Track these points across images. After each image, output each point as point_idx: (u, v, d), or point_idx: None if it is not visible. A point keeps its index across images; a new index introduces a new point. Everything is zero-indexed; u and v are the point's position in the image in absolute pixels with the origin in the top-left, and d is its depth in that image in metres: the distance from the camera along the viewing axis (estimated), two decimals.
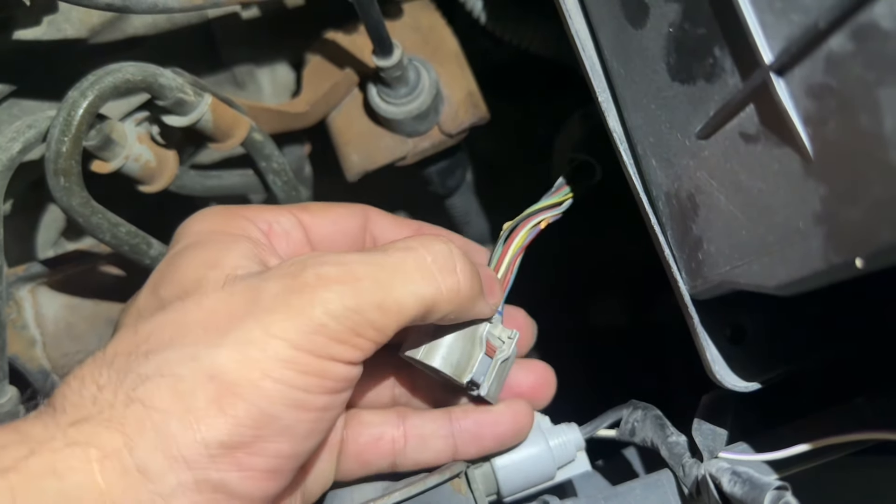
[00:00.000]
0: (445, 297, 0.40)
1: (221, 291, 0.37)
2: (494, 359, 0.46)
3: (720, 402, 0.48)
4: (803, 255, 0.32)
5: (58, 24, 0.60)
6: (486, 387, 0.46)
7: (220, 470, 0.34)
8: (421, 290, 0.39)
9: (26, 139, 0.51)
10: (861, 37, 0.27)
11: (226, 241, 0.41)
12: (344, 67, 0.69)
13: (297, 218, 0.46)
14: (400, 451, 0.47)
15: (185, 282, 0.39)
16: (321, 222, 0.47)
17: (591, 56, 0.47)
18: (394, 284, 0.38)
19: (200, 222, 0.44)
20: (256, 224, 0.44)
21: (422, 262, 0.39)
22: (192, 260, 0.40)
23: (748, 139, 0.35)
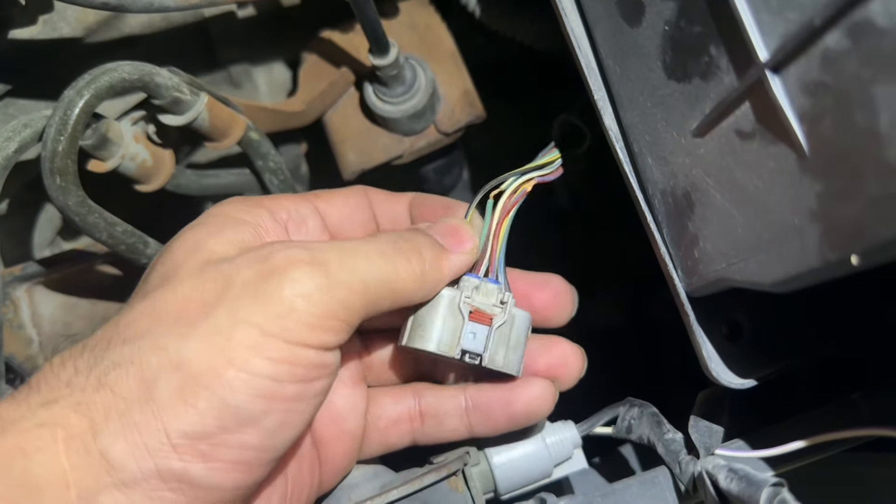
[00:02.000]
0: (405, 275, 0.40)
1: (195, 278, 0.37)
2: (491, 326, 0.44)
3: (716, 400, 0.48)
4: (799, 251, 0.32)
5: (53, 23, 0.60)
6: (487, 356, 0.44)
7: (183, 460, 0.33)
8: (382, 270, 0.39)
9: (22, 138, 0.51)
10: (857, 34, 0.27)
11: (220, 224, 0.41)
12: (340, 66, 0.69)
13: (313, 206, 0.46)
14: (418, 429, 0.47)
15: (168, 267, 0.39)
16: (335, 206, 0.47)
17: (586, 54, 0.47)
18: (358, 266, 0.38)
19: (219, 206, 0.44)
20: (275, 213, 0.44)
21: (378, 247, 0.40)
22: (181, 244, 0.40)
23: (744, 137, 0.35)
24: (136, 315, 0.36)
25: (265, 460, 0.36)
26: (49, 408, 0.34)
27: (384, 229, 0.49)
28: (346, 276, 0.37)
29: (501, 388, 0.47)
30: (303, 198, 0.46)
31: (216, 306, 0.35)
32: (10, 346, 0.65)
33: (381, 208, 0.49)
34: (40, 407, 0.34)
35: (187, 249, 0.39)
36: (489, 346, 0.44)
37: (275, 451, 0.37)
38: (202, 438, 0.34)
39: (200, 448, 0.34)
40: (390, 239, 0.41)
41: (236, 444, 0.35)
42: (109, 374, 0.34)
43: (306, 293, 0.36)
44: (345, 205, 0.47)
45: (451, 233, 0.45)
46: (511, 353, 0.45)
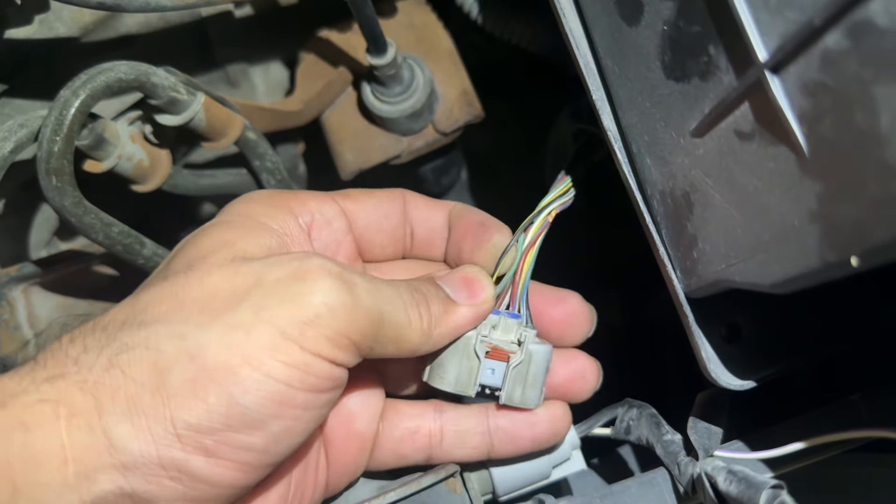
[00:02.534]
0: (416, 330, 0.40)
1: (226, 270, 0.37)
2: (508, 364, 0.45)
3: (715, 401, 0.48)
4: (798, 253, 0.32)
5: (49, 22, 0.60)
6: (504, 395, 0.45)
7: (185, 451, 0.33)
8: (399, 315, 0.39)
9: (18, 139, 0.51)
10: (857, 34, 0.27)
11: (249, 228, 0.41)
12: (338, 66, 0.69)
13: (340, 206, 0.46)
14: (436, 444, 0.47)
15: (193, 256, 0.39)
16: (364, 208, 0.46)
17: (585, 54, 0.47)
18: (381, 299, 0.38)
19: (244, 203, 0.43)
20: (299, 216, 0.44)
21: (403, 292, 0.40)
22: (209, 237, 0.40)
23: (743, 137, 0.35)
24: (155, 298, 0.36)
25: (266, 463, 0.36)
26: (53, 383, 0.33)
27: (419, 238, 0.49)
28: (369, 303, 0.37)
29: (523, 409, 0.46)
30: (329, 197, 0.46)
31: (242, 300, 0.35)
32: (6, 346, 0.64)
33: (420, 215, 0.48)
34: (44, 382, 0.34)
35: (216, 243, 0.39)
36: (506, 384, 0.45)
37: (276, 457, 0.37)
38: (207, 433, 0.34)
39: (204, 442, 0.34)
40: (410, 290, 0.41)
41: (240, 445, 0.34)
42: (121, 355, 0.34)
43: (332, 305, 0.36)
44: (375, 208, 0.47)
45: (466, 284, 0.44)
46: (529, 390, 0.45)
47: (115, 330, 0.35)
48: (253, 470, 0.36)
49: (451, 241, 0.48)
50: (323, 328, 0.35)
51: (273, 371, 0.34)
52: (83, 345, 0.35)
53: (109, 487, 0.33)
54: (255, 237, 0.40)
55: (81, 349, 0.35)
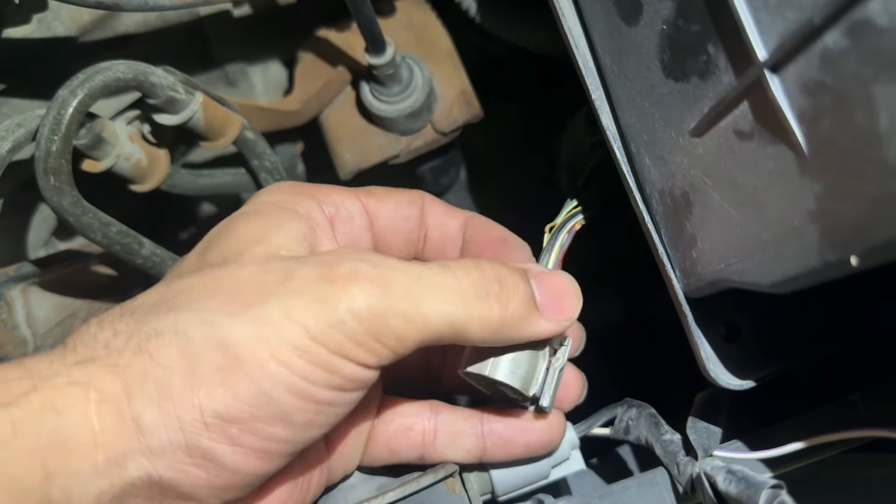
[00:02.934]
0: (477, 324, 0.38)
1: (258, 266, 0.37)
2: (551, 369, 0.45)
3: (714, 401, 0.48)
4: (798, 252, 0.32)
5: (47, 22, 0.60)
6: (547, 398, 0.44)
7: (211, 438, 0.34)
8: (450, 311, 0.37)
9: (16, 138, 0.51)
10: (856, 33, 0.27)
11: (281, 217, 0.41)
12: (336, 65, 0.69)
13: (362, 203, 0.45)
14: (430, 443, 0.47)
15: (228, 250, 0.39)
16: (385, 208, 0.46)
17: (584, 54, 0.47)
18: (423, 298, 0.37)
19: (269, 194, 0.44)
20: (324, 206, 0.44)
21: (456, 283, 0.38)
22: (242, 230, 0.40)
23: (742, 136, 0.35)
24: (186, 286, 0.37)
25: (287, 452, 0.37)
26: (84, 367, 0.34)
27: (432, 241, 0.48)
28: (406, 306, 0.36)
29: (519, 416, 0.47)
30: (353, 193, 0.45)
31: (271, 295, 0.35)
32: (4, 346, 0.64)
33: (436, 220, 0.48)
34: (75, 365, 0.34)
35: (251, 238, 0.39)
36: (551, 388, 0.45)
37: (298, 446, 0.37)
38: (234, 421, 0.34)
39: (230, 431, 0.34)
40: (481, 277, 0.39)
41: (265, 435, 0.35)
42: (151, 340, 0.34)
43: (358, 311, 0.35)
44: (395, 209, 0.47)
45: (557, 294, 0.42)
46: (550, 392, 0.45)
47: (144, 315, 0.36)
48: (275, 459, 0.36)
49: (468, 251, 0.48)
50: (349, 332, 0.35)
51: (300, 369, 0.35)
52: (112, 329, 0.35)
53: (138, 474, 0.33)
54: (285, 227, 0.40)
55: (111, 333, 0.35)
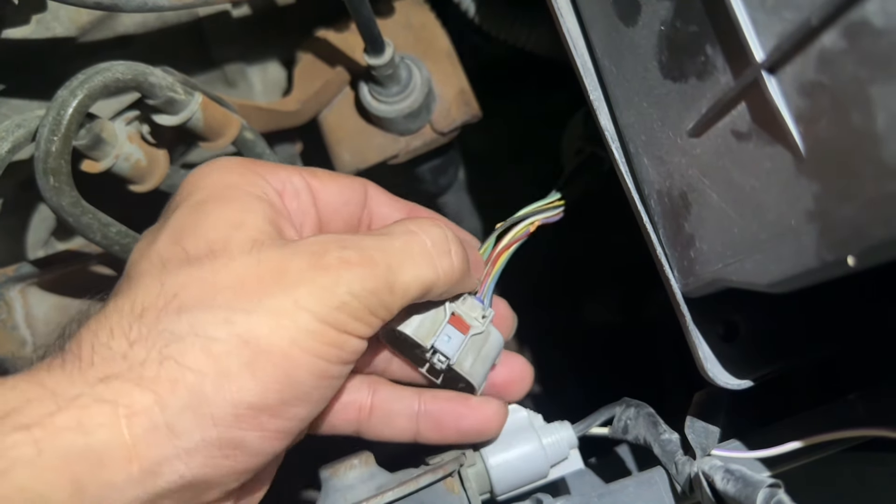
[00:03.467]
0: (442, 279, 0.43)
1: (249, 256, 0.38)
2: (467, 335, 0.47)
3: (713, 400, 0.48)
4: (796, 252, 0.32)
5: (47, 22, 0.60)
6: (455, 358, 0.46)
7: (242, 429, 0.36)
8: (424, 274, 0.42)
9: (15, 139, 0.51)
10: (853, 34, 0.27)
11: (246, 200, 0.42)
12: (335, 66, 0.69)
13: (306, 181, 0.47)
14: (364, 420, 0.48)
15: (210, 239, 0.39)
16: (328, 190, 0.48)
17: (582, 54, 0.47)
18: (403, 269, 0.41)
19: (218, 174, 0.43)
20: (271, 183, 0.45)
21: (423, 246, 0.42)
22: (216, 216, 0.41)
23: (740, 137, 0.35)
24: (183, 283, 0.37)
25: (301, 430, 0.40)
26: (109, 384, 0.34)
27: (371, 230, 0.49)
28: (391, 278, 0.40)
29: (456, 400, 0.48)
30: (297, 171, 0.46)
31: (275, 288, 0.37)
32: (3, 346, 0.64)
33: (380, 210, 0.50)
34: (98, 382, 0.34)
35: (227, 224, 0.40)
36: (460, 352, 0.47)
37: (308, 422, 0.40)
38: (265, 410, 0.36)
39: (261, 418, 0.36)
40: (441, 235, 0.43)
41: (291, 416, 0.38)
42: (171, 346, 0.35)
43: (356, 293, 0.38)
44: (338, 193, 0.48)
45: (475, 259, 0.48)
46: (478, 365, 0.47)
47: (153, 321, 0.36)
48: (290, 437, 0.39)
49: None
50: (351, 311, 0.38)
51: (317, 350, 0.37)
52: (126, 339, 0.36)
53: (173, 478, 0.35)
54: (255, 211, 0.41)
55: (126, 344, 0.35)
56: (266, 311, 0.37)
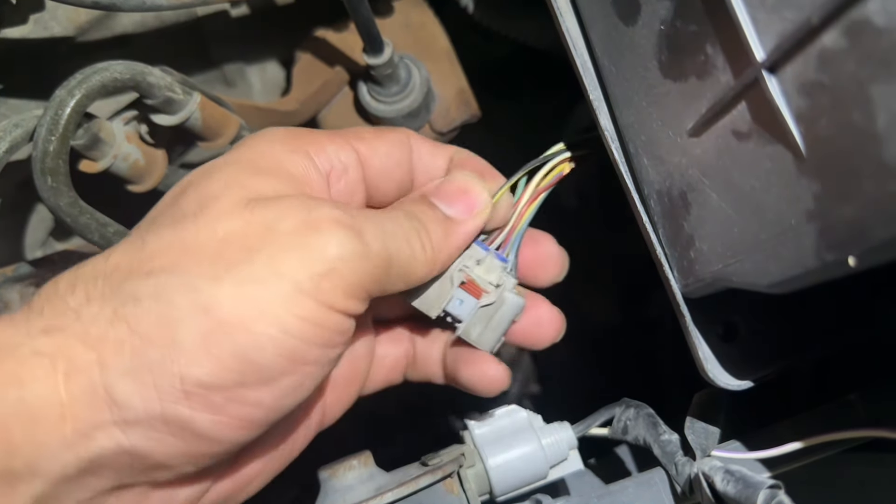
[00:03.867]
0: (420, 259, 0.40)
1: (238, 216, 0.35)
2: (479, 300, 0.45)
3: (712, 401, 0.48)
4: (796, 252, 0.32)
5: (45, 22, 0.60)
6: (462, 327, 0.45)
7: (192, 408, 0.33)
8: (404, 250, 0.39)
9: (13, 138, 0.50)
10: (854, 33, 0.27)
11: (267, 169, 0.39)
12: (334, 65, 0.69)
13: (356, 153, 0.44)
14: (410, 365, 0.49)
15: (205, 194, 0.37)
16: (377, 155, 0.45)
17: (582, 54, 0.47)
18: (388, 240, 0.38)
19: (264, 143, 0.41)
20: (318, 162, 0.42)
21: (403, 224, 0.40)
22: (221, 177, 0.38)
23: (740, 136, 0.35)
24: (163, 245, 0.35)
25: (270, 420, 0.36)
26: (51, 335, 0.32)
27: (419, 182, 0.47)
28: (378, 248, 0.37)
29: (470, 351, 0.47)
30: (345, 141, 0.43)
31: (256, 251, 0.34)
32: None
33: (422, 162, 0.47)
34: (41, 333, 0.32)
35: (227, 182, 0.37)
36: (468, 319, 0.45)
37: (282, 412, 0.36)
38: (217, 390, 0.33)
39: (213, 399, 0.33)
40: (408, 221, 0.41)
41: (249, 402, 0.34)
42: (127, 306, 0.33)
43: (347, 257, 0.35)
44: (388, 156, 0.45)
45: (459, 195, 0.44)
46: (488, 332, 0.46)
47: (121, 279, 0.34)
48: (256, 427, 0.35)
49: None
50: (338, 280, 0.35)
51: (289, 326, 0.34)
52: (85, 293, 0.33)
53: (108, 444, 0.32)
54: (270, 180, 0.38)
55: (83, 298, 0.33)
56: (236, 279, 0.33)
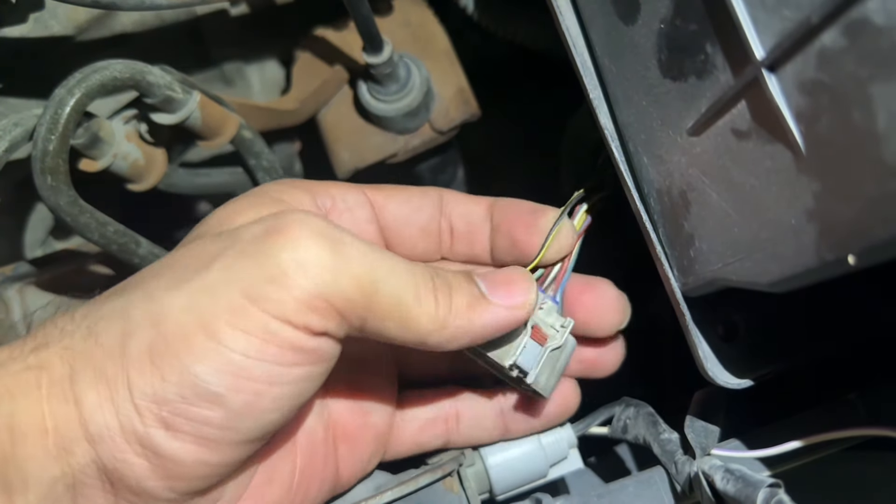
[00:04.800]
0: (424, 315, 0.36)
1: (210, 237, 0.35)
2: (544, 347, 0.44)
3: (712, 399, 0.48)
4: (796, 251, 0.32)
5: (44, 21, 0.60)
6: (533, 374, 0.43)
7: (144, 423, 0.32)
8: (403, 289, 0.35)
9: (13, 137, 0.50)
10: (854, 32, 0.27)
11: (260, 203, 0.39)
12: (334, 64, 0.69)
13: (366, 196, 0.43)
14: (454, 429, 0.47)
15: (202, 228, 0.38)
16: (394, 201, 0.44)
17: (581, 53, 0.47)
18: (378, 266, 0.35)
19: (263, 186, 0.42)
20: (318, 198, 0.42)
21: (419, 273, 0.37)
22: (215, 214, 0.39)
23: (740, 136, 0.35)
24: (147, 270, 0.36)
25: (232, 440, 0.34)
26: (38, 352, 0.33)
27: (459, 232, 0.46)
28: (358, 268, 0.34)
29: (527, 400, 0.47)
30: (356, 188, 0.43)
31: (214, 260, 0.33)
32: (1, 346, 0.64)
33: (458, 209, 0.46)
34: (31, 352, 0.33)
35: (218, 219, 0.38)
36: (538, 365, 0.44)
37: (246, 433, 0.34)
38: (162, 404, 0.32)
39: (161, 414, 0.32)
40: (428, 272, 0.37)
41: (197, 418, 0.32)
42: (99, 323, 0.33)
43: (304, 262, 0.32)
44: (406, 202, 0.44)
45: (504, 283, 0.40)
46: (552, 378, 0.45)
47: (103, 300, 0.35)
48: (217, 446, 0.33)
49: (500, 232, 0.46)
50: (291, 288, 0.32)
51: (229, 340, 0.32)
52: (71, 316, 0.34)
53: (85, 461, 0.32)
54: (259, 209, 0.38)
55: (69, 319, 0.34)
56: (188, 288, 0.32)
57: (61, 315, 0.35)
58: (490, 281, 0.40)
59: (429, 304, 0.36)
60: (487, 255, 0.47)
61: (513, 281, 0.41)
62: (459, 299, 0.38)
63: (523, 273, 0.42)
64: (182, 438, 0.32)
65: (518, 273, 0.42)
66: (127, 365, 0.32)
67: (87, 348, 0.33)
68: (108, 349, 0.32)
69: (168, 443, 0.32)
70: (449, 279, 0.38)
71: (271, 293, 0.32)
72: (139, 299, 0.33)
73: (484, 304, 0.39)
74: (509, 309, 0.40)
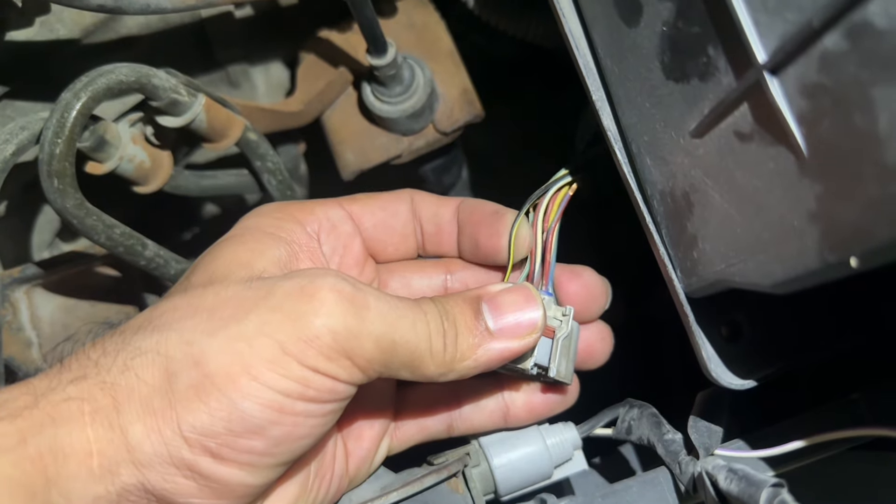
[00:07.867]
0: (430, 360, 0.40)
1: (240, 286, 0.38)
2: (554, 339, 0.46)
3: (716, 400, 0.48)
4: (798, 253, 0.32)
5: (50, 24, 0.60)
6: (553, 368, 0.45)
7: (193, 452, 0.35)
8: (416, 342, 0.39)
9: (20, 141, 0.51)
10: (855, 35, 0.27)
11: (264, 242, 0.43)
12: (338, 66, 0.69)
13: (346, 210, 0.47)
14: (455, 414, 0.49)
15: (213, 273, 0.41)
16: (370, 210, 0.48)
17: (584, 55, 0.47)
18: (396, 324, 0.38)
19: (253, 218, 0.45)
20: (307, 225, 0.45)
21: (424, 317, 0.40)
22: (226, 254, 0.42)
23: (742, 138, 0.35)
24: (171, 307, 0.38)
25: (272, 464, 0.38)
26: (77, 384, 0.35)
27: (428, 233, 0.49)
28: (379, 329, 0.38)
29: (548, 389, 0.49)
30: (335, 203, 0.47)
31: (249, 312, 0.37)
32: (9, 348, 0.65)
33: (427, 211, 0.49)
34: (69, 383, 0.36)
35: (235, 263, 0.41)
36: (555, 358, 0.45)
37: (282, 458, 0.38)
38: (210, 436, 0.35)
39: (208, 445, 0.35)
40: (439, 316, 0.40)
41: (242, 448, 0.36)
42: (136, 359, 0.36)
43: (334, 328, 0.36)
44: (382, 208, 0.48)
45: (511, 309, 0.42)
46: (570, 365, 0.47)
47: (131, 334, 0.37)
48: (259, 470, 0.37)
49: (465, 234, 0.49)
50: (322, 348, 0.36)
51: (271, 382, 0.36)
52: (102, 348, 0.37)
53: (131, 482, 0.35)
54: (267, 253, 0.42)
55: (101, 352, 0.37)
56: (226, 335, 0.36)
57: (90, 345, 0.37)
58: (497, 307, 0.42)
59: (438, 351, 0.40)
60: (456, 254, 0.51)
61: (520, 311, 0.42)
62: (465, 339, 0.41)
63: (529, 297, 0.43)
64: (228, 465, 0.36)
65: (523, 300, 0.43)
66: (174, 401, 0.35)
67: (129, 382, 0.36)
68: (153, 385, 0.35)
69: (215, 468, 0.36)
70: (455, 318, 0.41)
71: (306, 350, 0.36)
72: (176, 340, 0.36)
73: (489, 341, 0.42)
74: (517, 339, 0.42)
